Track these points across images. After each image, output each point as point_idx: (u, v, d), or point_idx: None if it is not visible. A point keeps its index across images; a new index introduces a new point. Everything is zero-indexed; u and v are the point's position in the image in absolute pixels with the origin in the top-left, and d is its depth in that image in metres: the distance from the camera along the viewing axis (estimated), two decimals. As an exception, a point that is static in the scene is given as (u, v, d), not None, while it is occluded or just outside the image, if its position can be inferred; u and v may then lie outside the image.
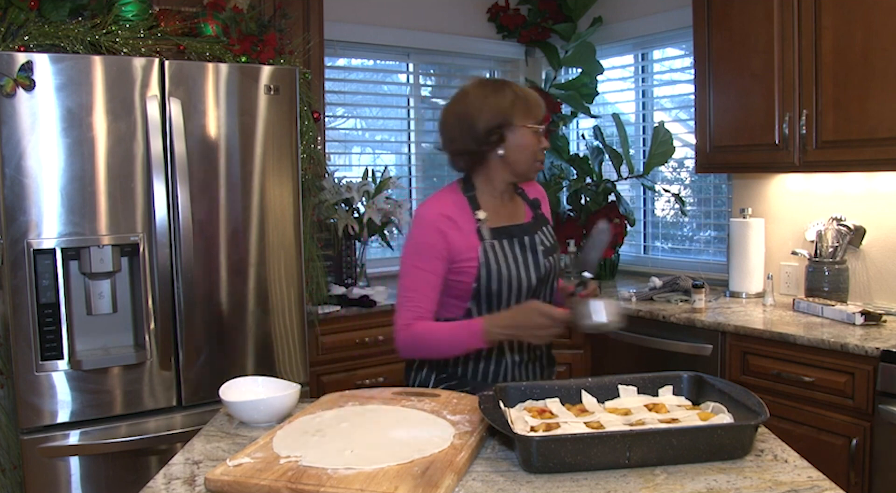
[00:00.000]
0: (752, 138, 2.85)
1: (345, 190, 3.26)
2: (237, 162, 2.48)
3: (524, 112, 1.80)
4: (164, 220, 2.32)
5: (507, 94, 1.81)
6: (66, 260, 2.22)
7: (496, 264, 1.80)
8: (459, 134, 1.83)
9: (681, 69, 3.73)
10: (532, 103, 1.82)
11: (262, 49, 2.68)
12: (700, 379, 1.51)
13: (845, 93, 2.53)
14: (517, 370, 1.88)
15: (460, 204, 1.85)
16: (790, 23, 2.67)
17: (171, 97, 2.33)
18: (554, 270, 1.92)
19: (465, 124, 1.81)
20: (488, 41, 4.11)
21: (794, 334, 2.41)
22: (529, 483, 1.21)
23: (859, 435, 2.25)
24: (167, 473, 1.30)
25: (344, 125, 3.80)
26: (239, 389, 1.61)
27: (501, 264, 1.81)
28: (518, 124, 1.80)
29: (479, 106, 1.80)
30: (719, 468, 1.24)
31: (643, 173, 3.62)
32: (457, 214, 1.83)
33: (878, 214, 2.79)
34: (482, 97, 1.81)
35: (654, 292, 3.10)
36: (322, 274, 2.97)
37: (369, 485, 1.14)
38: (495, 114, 1.79)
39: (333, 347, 2.97)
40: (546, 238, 1.93)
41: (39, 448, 2.21)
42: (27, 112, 2.14)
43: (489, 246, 1.81)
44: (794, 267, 3.07)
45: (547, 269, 1.88)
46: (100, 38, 2.36)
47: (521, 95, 1.82)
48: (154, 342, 2.35)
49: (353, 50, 3.75)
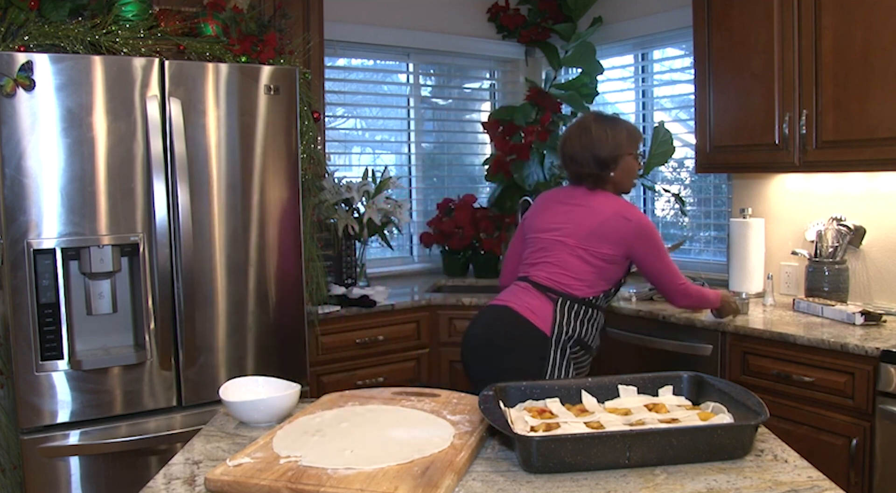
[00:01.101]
0: (752, 138, 2.85)
1: (345, 190, 3.26)
2: (237, 162, 2.48)
3: (633, 144, 2.39)
4: (164, 220, 2.32)
5: (622, 130, 2.38)
6: (66, 260, 2.22)
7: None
8: (582, 160, 2.36)
9: (681, 69, 3.73)
10: (638, 137, 2.43)
11: (262, 49, 2.68)
12: (700, 379, 1.51)
13: (845, 93, 2.53)
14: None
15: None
16: (790, 23, 2.67)
17: (171, 97, 2.33)
18: None
19: (589, 153, 2.35)
20: (488, 41, 4.11)
21: (794, 334, 2.41)
22: (529, 483, 1.21)
23: (859, 435, 2.25)
24: (167, 473, 1.30)
25: (344, 125, 3.81)
26: (239, 389, 1.61)
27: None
28: (628, 153, 2.36)
29: (603, 139, 2.34)
30: (719, 468, 1.24)
31: (643, 173, 3.61)
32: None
33: (878, 214, 2.79)
34: (603, 131, 2.36)
35: (654, 292, 3.10)
36: (322, 274, 2.97)
37: (369, 485, 1.14)
38: (615, 146, 2.34)
39: (333, 347, 2.97)
40: None
41: (39, 448, 2.20)
42: (27, 112, 2.14)
43: None
44: (794, 267, 3.07)
45: None
46: (100, 38, 2.36)
47: (631, 129, 2.40)
48: (154, 342, 2.35)
49: (353, 50, 3.75)
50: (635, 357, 2.94)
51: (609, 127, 2.36)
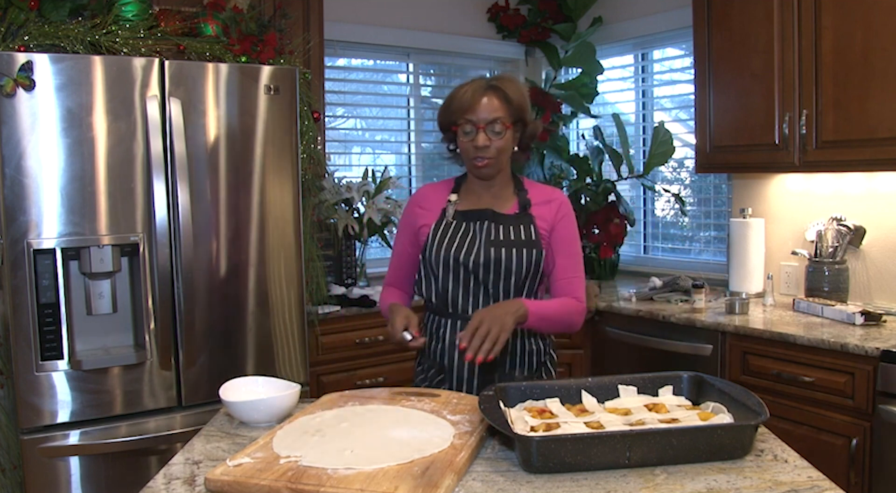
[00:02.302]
0: (752, 138, 2.85)
1: (345, 190, 3.26)
2: (237, 162, 2.48)
3: (456, 112, 1.87)
4: (164, 220, 2.32)
5: (454, 93, 1.89)
6: (66, 260, 2.22)
7: (439, 240, 1.91)
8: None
9: (681, 69, 3.73)
10: (457, 102, 1.86)
11: (262, 49, 2.68)
12: (700, 379, 1.51)
13: (845, 93, 2.53)
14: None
15: (446, 187, 2.01)
16: (790, 23, 2.67)
17: (171, 97, 2.33)
18: (505, 263, 1.86)
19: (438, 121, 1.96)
20: (488, 41, 4.11)
21: (794, 334, 2.41)
22: (529, 483, 1.21)
23: (859, 435, 2.25)
24: (167, 473, 1.30)
25: (344, 125, 3.80)
26: (239, 389, 1.61)
27: (445, 242, 1.90)
28: (459, 124, 1.87)
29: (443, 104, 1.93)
30: (719, 468, 1.24)
31: (643, 173, 3.62)
32: (434, 195, 2.00)
33: (878, 214, 2.79)
34: (446, 98, 1.92)
35: (654, 292, 3.10)
36: (322, 274, 2.97)
37: (369, 485, 1.14)
38: (443, 113, 1.92)
39: (333, 347, 2.97)
40: (513, 233, 1.88)
41: (39, 448, 2.20)
42: (27, 112, 2.14)
43: (442, 223, 1.93)
44: (794, 267, 3.07)
45: (489, 259, 1.85)
46: (100, 38, 2.36)
47: (456, 93, 1.88)
48: (154, 342, 2.35)
49: (353, 50, 3.75)
50: (635, 357, 2.94)
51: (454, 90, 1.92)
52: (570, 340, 3.15)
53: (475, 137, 1.84)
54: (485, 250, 1.87)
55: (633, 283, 3.51)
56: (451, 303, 1.91)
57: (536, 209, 1.93)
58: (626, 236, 3.71)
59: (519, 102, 1.87)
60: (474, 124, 1.84)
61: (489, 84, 1.86)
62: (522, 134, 1.94)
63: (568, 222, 1.95)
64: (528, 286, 1.90)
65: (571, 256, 1.93)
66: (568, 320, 1.89)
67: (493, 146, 1.85)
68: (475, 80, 1.89)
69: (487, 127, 1.84)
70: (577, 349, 3.16)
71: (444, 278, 1.90)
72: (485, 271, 1.86)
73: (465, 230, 1.91)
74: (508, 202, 1.95)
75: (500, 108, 1.85)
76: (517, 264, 1.87)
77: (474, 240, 1.89)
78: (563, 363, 3.16)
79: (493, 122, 1.84)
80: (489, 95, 1.84)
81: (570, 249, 1.94)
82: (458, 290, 1.90)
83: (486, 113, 1.83)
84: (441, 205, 1.97)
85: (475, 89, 1.85)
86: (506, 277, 1.87)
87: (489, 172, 1.89)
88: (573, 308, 1.89)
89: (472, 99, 1.84)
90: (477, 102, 1.84)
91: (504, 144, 1.87)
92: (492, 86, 1.86)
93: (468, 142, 1.86)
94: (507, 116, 1.85)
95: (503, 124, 1.85)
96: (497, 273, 1.87)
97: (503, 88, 1.86)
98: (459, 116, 1.86)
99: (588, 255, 3.71)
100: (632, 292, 3.11)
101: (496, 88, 1.85)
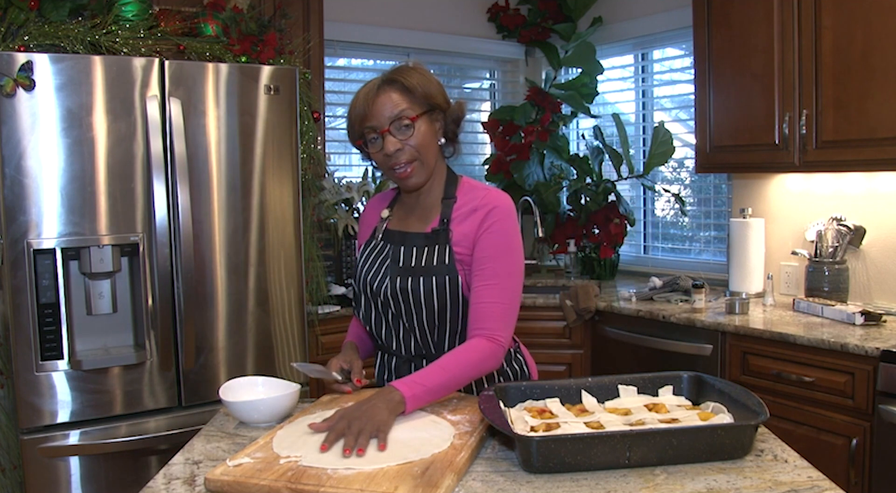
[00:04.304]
0: (752, 138, 2.85)
1: (345, 190, 3.26)
2: (237, 162, 2.48)
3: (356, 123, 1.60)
4: (164, 220, 2.32)
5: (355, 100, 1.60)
6: (66, 260, 2.22)
7: (361, 264, 1.71)
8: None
9: (681, 69, 3.73)
10: (354, 112, 1.59)
11: (262, 49, 2.68)
12: (700, 379, 1.51)
13: (845, 93, 2.53)
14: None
15: (386, 199, 1.80)
16: (790, 23, 2.67)
17: (171, 97, 2.33)
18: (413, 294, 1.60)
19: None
20: (488, 41, 4.11)
21: (794, 334, 2.41)
22: (529, 483, 1.21)
23: (859, 435, 2.25)
24: (167, 473, 1.30)
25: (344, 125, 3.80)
26: (239, 389, 1.61)
27: (366, 267, 1.70)
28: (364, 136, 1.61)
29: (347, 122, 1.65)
30: (719, 468, 1.24)
31: (643, 173, 3.62)
32: (372, 210, 1.80)
33: (878, 214, 2.79)
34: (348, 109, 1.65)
35: (654, 292, 3.10)
36: (322, 274, 2.97)
37: (369, 485, 1.14)
38: (348, 130, 1.64)
39: (333, 347, 2.96)
40: (425, 257, 1.62)
41: (39, 448, 2.20)
42: (27, 112, 2.14)
43: (370, 244, 1.73)
44: (794, 267, 3.07)
45: (395, 289, 1.61)
46: (100, 38, 2.37)
47: (352, 103, 1.60)
48: (154, 342, 2.35)
49: (353, 50, 3.75)
50: (635, 357, 2.94)
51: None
52: (570, 340, 3.15)
53: (382, 143, 1.57)
54: (391, 279, 1.62)
55: (633, 283, 3.51)
56: (377, 335, 1.72)
57: (458, 224, 1.63)
58: (626, 236, 3.71)
59: (424, 88, 1.59)
60: (376, 130, 1.57)
61: (382, 80, 1.59)
62: (444, 122, 1.65)
63: (492, 235, 1.59)
64: (451, 319, 1.61)
65: (491, 275, 1.57)
66: (472, 375, 1.53)
67: (407, 146, 1.57)
68: (368, 82, 1.61)
69: (392, 126, 1.56)
70: (577, 349, 3.16)
71: (366, 308, 1.70)
72: (395, 304, 1.63)
73: (385, 254, 1.68)
74: (432, 216, 1.67)
75: (399, 101, 1.57)
76: (426, 295, 1.59)
77: (387, 266, 1.65)
78: (563, 363, 3.16)
79: (397, 119, 1.56)
80: (384, 92, 1.57)
81: (491, 266, 1.57)
82: (381, 322, 1.69)
83: (387, 111, 1.56)
84: (376, 221, 1.76)
85: (367, 91, 1.58)
86: (417, 309, 1.61)
87: (417, 180, 1.62)
88: (476, 357, 1.52)
89: (366, 102, 1.57)
90: (372, 104, 1.57)
91: (420, 139, 1.58)
92: (385, 81, 1.59)
93: (378, 153, 1.59)
94: (410, 106, 1.57)
95: (409, 117, 1.56)
96: (407, 306, 1.61)
97: (399, 79, 1.58)
98: (360, 127, 1.59)
99: (588, 255, 3.71)
100: (632, 292, 3.11)
101: (391, 81, 1.59)
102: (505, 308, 1.57)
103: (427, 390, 1.45)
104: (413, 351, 1.68)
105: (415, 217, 1.69)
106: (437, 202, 1.67)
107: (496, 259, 1.58)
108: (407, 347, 1.68)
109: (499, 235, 1.59)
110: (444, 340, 1.65)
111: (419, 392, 1.44)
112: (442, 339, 1.64)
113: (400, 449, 1.28)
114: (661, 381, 1.53)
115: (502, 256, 1.58)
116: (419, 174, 1.61)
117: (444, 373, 1.48)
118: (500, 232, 1.60)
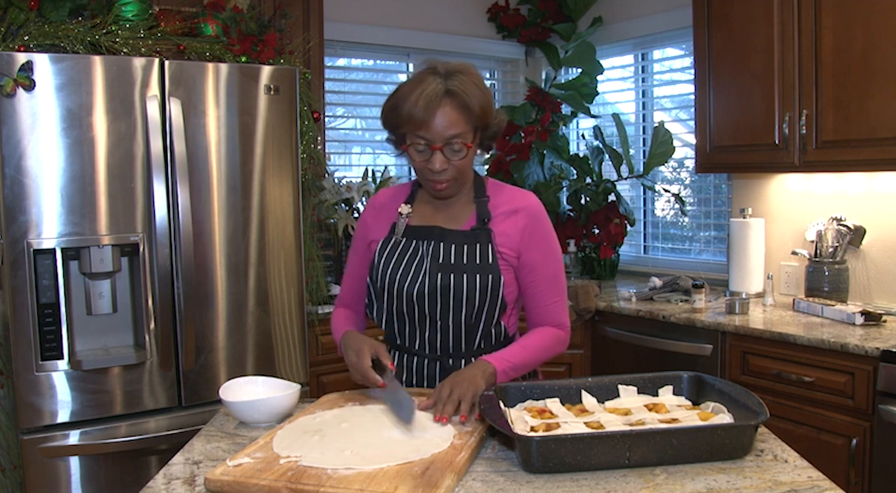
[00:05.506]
0: (751, 138, 2.85)
1: (345, 190, 3.26)
2: (237, 162, 2.48)
3: (406, 123, 1.53)
4: (164, 220, 2.32)
5: (402, 95, 1.53)
6: (66, 260, 2.22)
7: (385, 262, 1.65)
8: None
9: (681, 69, 3.73)
10: (406, 112, 1.51)
11: (262, 49, 2.68)
12: (700, 379, 1.51)
13: (845, 93, 2.53)
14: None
15: (402, 194, 1.74)
16: (790, 23, 2.67)
17: (171, 97, 2.33)
18: (455, 292, 1.59)
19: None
20: (488, 41, 4.11)
21: (794, 334, 2.41)
22: (529, 483, 1.21)
23: (859, 435, 2.25)
24: (167, 473, 1.30)
25: (344, 125, 3.80)
26: (239, 389, 1.61)
27: (391, 265, 1.64)
28: (409, 138, 1.56)
29: (389, 102, 1.58)
30: (719, 468, 1.24)
31: (643, 173, 3.62)
32: (388, 204, 1.74)
33: (878, 214, 2.79)
34: (393, 96, 1.57)
35: (654, 292, 3.10)
36: (322, 274, 2.97)
37: (369, 485, 1.14)
38: (390, 115, 1.58)
39: (333, 347, 2.94)
40: (466, 254, 1.61)
41: (39, 448, 2.20)
42: (27, 112, 2.14)
43: (391, 241, 1.67)
44: (794, 267, 3.07)
45: (435, 287, 1.59)
46: (100, 38, 2.37)
47: (405, 98, 1.51)
48: (154, 342, 2.35)
49: (352, 50, 3.75)
50: (635, 357, 2.94)
51: (406, 89, 1.57)
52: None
53: (430, 158, 1.54)
54: (430, 276, 1.59)
55: (633, 283, 3.51)
56: (398, 334, 1.70)
57: (498, 223, 1.64)
58: (626, 236, 3.71)
59: (481, 107, 1.54)
60: (428, 144, 1.53)
61: (445, 90, 1.50)
62: (484, 135, 1.62)
63: (541, 238, 1.64)
64: (486, 318, 1.63)
65: (549, 278, 1.65)
66: (546, 357, 1.65)
67: (452, 167, 1.56)
68: (425, 82, 1.51)
69: (445, 147, 1.53)
70: (577, 349, 3.16)
71: (388, 307, 1.66)
72: (431, 302, 1.60)
73: (412, 251, 1.64)
74: (465, 214, 1.66)
75: (458, 121, 1.51)
76: (469, 293, 1.58)
77: (421, 264, 1.62)
78: (563, 363, 3.16)
79: (452, 139, 1.52)
80: (445, 107, 1.50)
81: (546, 270, 1.64)
82: (404, 321, 1.66)
83: (443, 129, 1.51)
84: (393, 217, 1.70)
85: (428, 100, 1.49)
86: (455, 308, 1.60)
87: (451, 193, 1.63)
88: (551, 342, 1.65)
89: (426, 114, 1.49)
90: (431, 118, 1.50)
91: (466, 162, 1.57)
92: (447, 92, 1.50)
93: (422, 162, 1.56)
94: (468, 129, 1.54)
95: (464, 143, 1.53)
96: (445, 304, 1.60)
97: (461, 93, 1.51)
98: (409, 129, 1.53)
99: (588, 255, 3.71)
100: (632, 292, 3.11)
101: (452, 93, 1.51)
102: (564, 301, 1.71)
103: (513, 367, 1.57)
104: (439, 350, 1.66)
105: (443, 215, 1.68)
106: (470, 201, 1.67)
107: (549, 263, 1.66)
108: (433, 346, 1.66)
109: (546, 237, 1.67)
110: (473, 339, 1.66)
111: (506, 368, 1.55)
112: (471, 338, 1.65)
113: (400, 449, 1.28)
114: (661, 381, 1.53)
115: (552, 257, 1.67)
116: (454, 188, 1.63)
117: (526, 352, 1.61)
118: (546, 233, 1.67)
